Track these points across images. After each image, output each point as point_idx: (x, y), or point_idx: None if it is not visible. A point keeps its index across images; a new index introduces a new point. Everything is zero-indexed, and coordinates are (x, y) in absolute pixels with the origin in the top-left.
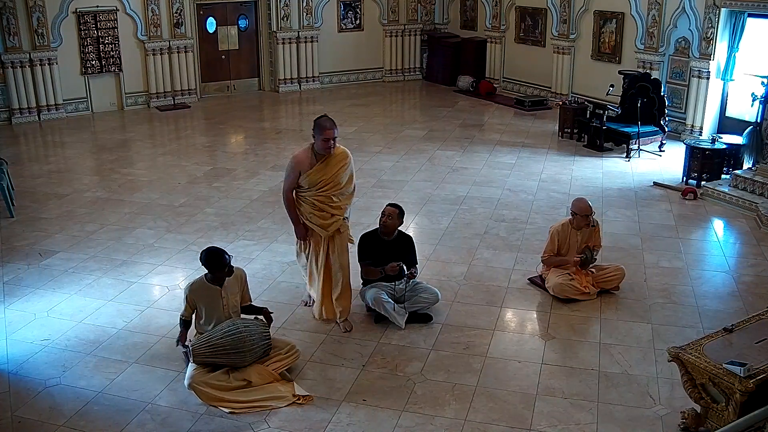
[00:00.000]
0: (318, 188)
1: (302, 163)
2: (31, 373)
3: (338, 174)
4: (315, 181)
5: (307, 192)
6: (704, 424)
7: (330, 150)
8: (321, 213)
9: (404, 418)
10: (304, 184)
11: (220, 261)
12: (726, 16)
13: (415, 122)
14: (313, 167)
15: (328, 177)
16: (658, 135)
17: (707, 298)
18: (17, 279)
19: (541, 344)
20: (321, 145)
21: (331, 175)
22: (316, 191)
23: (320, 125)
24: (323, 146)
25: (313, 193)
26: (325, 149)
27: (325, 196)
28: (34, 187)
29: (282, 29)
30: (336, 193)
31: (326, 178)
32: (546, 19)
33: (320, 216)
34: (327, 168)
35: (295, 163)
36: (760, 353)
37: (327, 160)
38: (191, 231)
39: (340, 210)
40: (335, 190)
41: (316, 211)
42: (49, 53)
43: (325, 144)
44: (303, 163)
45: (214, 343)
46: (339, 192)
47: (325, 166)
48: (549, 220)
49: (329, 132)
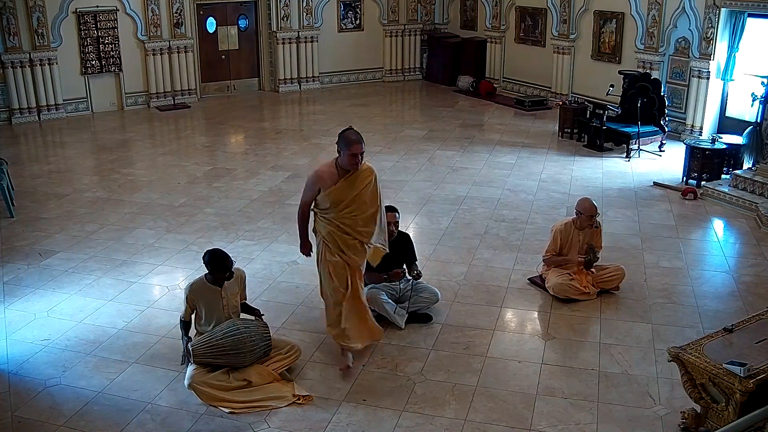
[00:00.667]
0: (341, 208)
1: (324, 179)
2: (31, 373)
3: (363, 193)
4: (338, 201)
5: (330, 212)
6: (704, 424)
7: (357, 166)
8: (347, 237)
9: (404, 418)
10: (325, 203)
11: (223, 264)
12: (726, 16)
13: (415, 122)
14: (336, 184)
15: (352, 196)
16: (658, 135)
17: (707, 298)
18: (17, 279)
19: (541, 344)
20: (347, 160)
21: (356, 194)
22: (339, 212)
23: (346, 139)
24: (350, 162)
25: (337, 214)
26: (351, 165)
27: (351, 219)
28: (34, 187)
29: (282, 29)
30: (362, 215)
31: (350, 197)
32: (546, 19)
33: (349, 242)
34: (352, 186)
35: (317, 179)
36: (760, 353)
37: (352, 177)
38: (191, 231)
39: (369, 235)
40: (361, 211)
41: (343, 235)
42: (49, 53)
43: (352, 159)
44: (325, 179)
45: (214, 343)
46: (364, 213)
47: (350, 184)
48: (549, 220)
49: (357, 146)
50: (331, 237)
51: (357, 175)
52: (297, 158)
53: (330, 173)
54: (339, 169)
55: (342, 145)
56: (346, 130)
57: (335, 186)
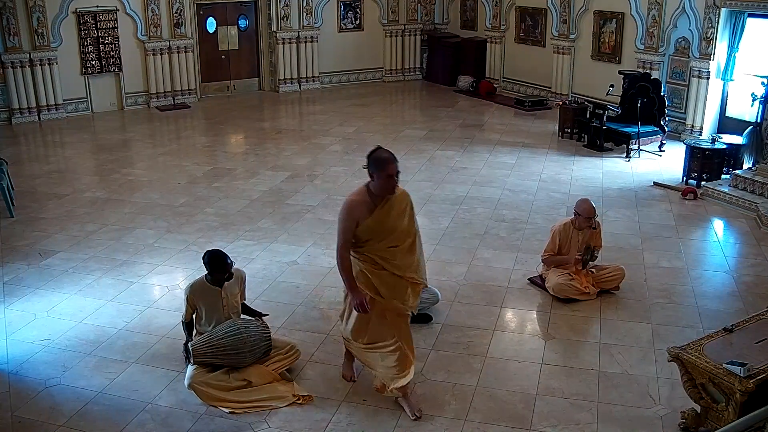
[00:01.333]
0: (378, 241)
1: (359, 211)
2: (31, 373)
3: (400, 220)
4: (375, 233)
5: (364, 247)
6: (704, 424)
7: (394, 189)
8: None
9: (404, 418)
10: (360, 237)
11: (223, 265)
12: (726, 16)
13: (415, 122)
14: (373, 213)
15: (390, 226)
16: (658, 135)
17: (707, 298)
18: (17, 279)
19: (541, 344)
20: (382, 184)
21: (394, 222)
22: (375, 246)
23: (378, 159)
24: (385, 185)
25: (372, 248)
26: (388, 189)
27: (388, 252)
28: (34, 187)
29: (282, 29)
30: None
31: (388, 227)
32: (546, 19)
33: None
34: (389, 214)
35: (350, 212)
36: (760, 353)
37: (388, 204)
38: (191, 231)
39: (409, 269)
40: (400, 241)
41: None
42: (49, 53)
43: (388, 182)
44: (360, 209)
45: (214, 343)
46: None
47: (387, 212)
48: (549, 220)
49: (392, 166)
50: (364, 275)
51: (393, 201)
52: (297, 158)
53: (364, 202)
54: (373, 196)
55: (373, 167)
56: (376, 150)
57: (372, 216)
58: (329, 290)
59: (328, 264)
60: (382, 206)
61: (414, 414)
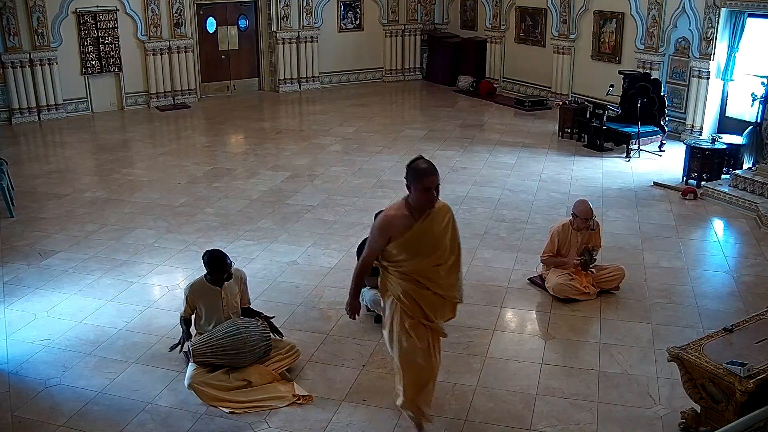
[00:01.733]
0: (420, 259)
1: (396, 225)
2: (31, 373)
3: (443, 236)
4: (415, 249)
5: (404, 265)
6: (704, 424)
7: (433, 203)
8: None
9: (404, 418)
10: (399, 254)
11: (222, 265)
12: (726, 16)
13: (415, 122)
14: (411, 229)
15: (431, 242)
16: (658, 135)
17: (707, 298)
18: (17, 279)
19: (541, 344)
20: (420, 197)
21: (436, 238)
22: (417, 263)
23: (416, 170)
24: (424, 199)
25: (414, 266)
26: (426, 202)
27: (432, 270)
28: (34, 187)
29: (282, 29)
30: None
31: (430, 243)
32: (546, 19)
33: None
34: (430, 229)
35: (386, 225)
36: (760, 353)
37: (429, 219)
38: (191, 231)
39: (453, 288)
40: (444, 259)
41: (424, 291)
42: (49, 53)
43: (427, 195)
44: (397, 224)
45: (214, 343)
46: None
47: (428, 227)
48: (549, 220)
49: (431, 179)
50: (409, 297)
51: (434, 215)
52: (297, 158)
53: (402, 217)
54: (412, 210)
55: (412, 179)
56: (415, 160)
57: (411, 232)
58: (329, 290)
59: (328, 264)
60: (422, 221)
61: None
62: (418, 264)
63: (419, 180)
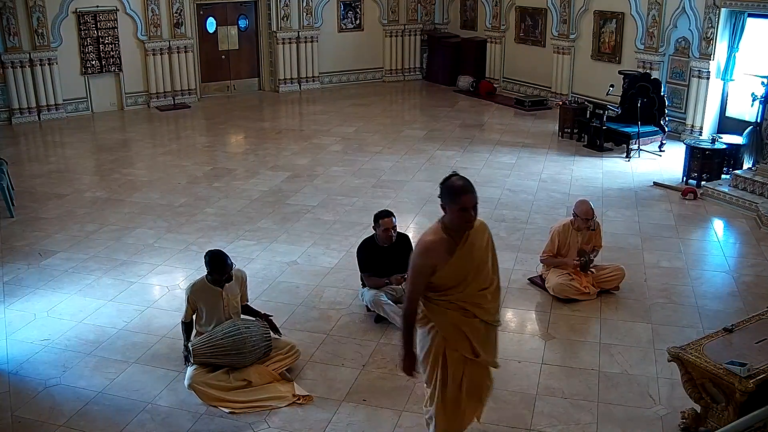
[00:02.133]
0: (470, 282)
1: (438, 251)
2: (31, 373)
3: (484, 257)
4: (460, 275)
5: (450, 294)
6: (704, 424)
7: (471, 224)
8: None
9: (404, 418)
10: (443, 281)
11: (223, 266)
12: (726, 16)
13: (415, 122)
14: (453, 254)
15: (475, 265)
16: (658, 135)
17: (707, 298)
18: (17, 279)
19: (541, 344)
20: (458, 218)
21: (480, 258)
22: (462, 291)
23: (452, 188)
24: (462, 220)
25: (460, 293)
26: (465, 223)
27: (478, 296)
28: (34, 187)
29: (282, 29)
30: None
31: (474, 266)
32: (546, 19)
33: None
34: (471, 252)
35: (427, 254)
36: (760, 353)
37: (470, 241)
38: (191, 231)
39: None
40: (489, 282)
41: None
42: (49, 53)
43: (465, 216)
44: (439, 250)
45: (214, 343)
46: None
47: (469, 250)
48: (549, 220)
49: (469, 197)
50: (456, 329)
51: (473, 236)
52: (297, 158)
53: (441, 241)
54: (450, 233)
55: (447, 199)
56: (449, 178)
57: (454, 257)
58: (329, 290)
59: (328, 264)
60: (462, 244)
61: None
62: (464, 290)
63: (455, 199)
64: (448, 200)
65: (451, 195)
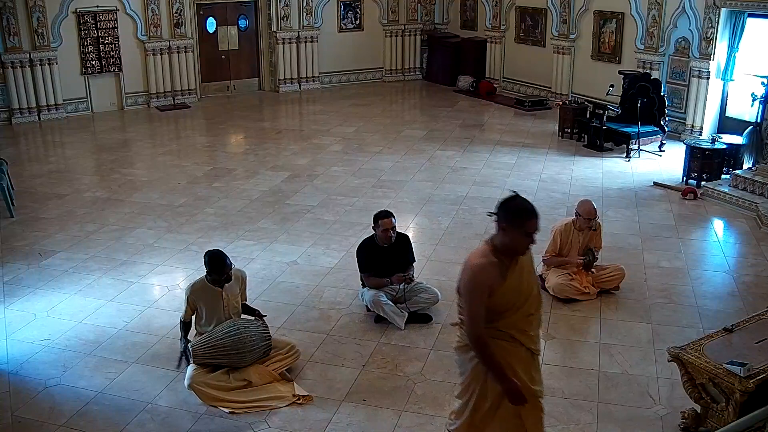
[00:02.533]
0: (519, 307)
1: (491, 275)
2: (31, 373)
3: (531, 280)
4: (512, 300)
5: (500, 320)
6: (704, 424)
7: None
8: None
9: (404, 418)
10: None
11: (221, 266)
12: (726, 16)
13: (415, 122)
14: (506, 278)
15: (526, 286)
16: (658, 135)
17: (707, 298)
18: (17, 279)
19: (541, 344)
20: (518, 241)
21: (527, 282)
22: (516, 314)
23: (521, 211)
24: (521, 244)
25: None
26: (520, 249)
27: (526, 322)
28: (34, 187)
29: (282, 29)
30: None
31: (524, 290)
32: (546, 19)
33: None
34: (521, 275)
35: (479, 277)
36: (760, 353)
37: (519, 262)
38: (191, 231)
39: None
40: (536, 306)
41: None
42: (49, 53)
43: (525, 242)
44: (492, 274)
45: (214, 343)
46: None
47: (520, 273)
48: (549, 220)
49: (535, 222)
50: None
51: (522, 260)
52: (297, 158)
53: (492, 265)
54: (499, 254)
55: (512, 220)
56: (515, 199)
57: (507, 281)
58: (329, 290)
59: (328, 264)
60: (513, 268)
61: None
62: (512, 316)
63: (521, 223)
64: (511, 222)
65: (518, 217)
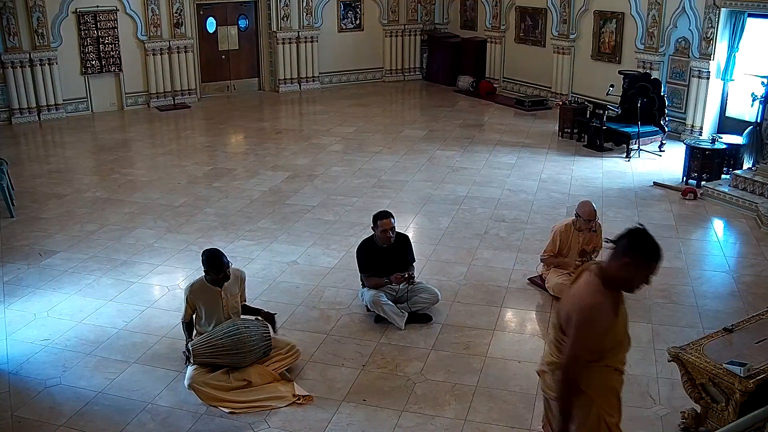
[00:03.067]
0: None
1: (606, 313)
2: (31, 373)
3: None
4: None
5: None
6: (704, 424)
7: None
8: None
9: (404, 418)
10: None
11: (218, 265)
12: (726, 16)
13: (415, 122)
14: (618, 314)
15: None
16: (658, 135)
17: (707, 298)
18: (17, 279)
19: (541, 344)
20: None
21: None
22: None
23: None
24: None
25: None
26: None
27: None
28: (34, 187)
29: (282, 29)
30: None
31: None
32: (546, 19)
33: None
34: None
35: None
36: (760, 353)
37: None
38: (191, 231)
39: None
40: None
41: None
42: (49, 53)
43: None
44: (606, 312)
45: (214, 343)
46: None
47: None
48: (549, 220)
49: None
50: (614, 392)
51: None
52: (297, 158)
53: (606, 302)
54: (611, 289)
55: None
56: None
57: (618, 317)
58: (329, 290)
59: (328, 264)
60: (621, 300)
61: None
62: (621, 351)
63: (650, 263)
64: (638, 260)
65: (647, 257)
